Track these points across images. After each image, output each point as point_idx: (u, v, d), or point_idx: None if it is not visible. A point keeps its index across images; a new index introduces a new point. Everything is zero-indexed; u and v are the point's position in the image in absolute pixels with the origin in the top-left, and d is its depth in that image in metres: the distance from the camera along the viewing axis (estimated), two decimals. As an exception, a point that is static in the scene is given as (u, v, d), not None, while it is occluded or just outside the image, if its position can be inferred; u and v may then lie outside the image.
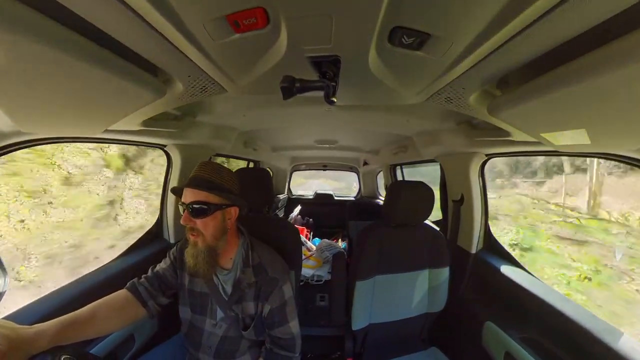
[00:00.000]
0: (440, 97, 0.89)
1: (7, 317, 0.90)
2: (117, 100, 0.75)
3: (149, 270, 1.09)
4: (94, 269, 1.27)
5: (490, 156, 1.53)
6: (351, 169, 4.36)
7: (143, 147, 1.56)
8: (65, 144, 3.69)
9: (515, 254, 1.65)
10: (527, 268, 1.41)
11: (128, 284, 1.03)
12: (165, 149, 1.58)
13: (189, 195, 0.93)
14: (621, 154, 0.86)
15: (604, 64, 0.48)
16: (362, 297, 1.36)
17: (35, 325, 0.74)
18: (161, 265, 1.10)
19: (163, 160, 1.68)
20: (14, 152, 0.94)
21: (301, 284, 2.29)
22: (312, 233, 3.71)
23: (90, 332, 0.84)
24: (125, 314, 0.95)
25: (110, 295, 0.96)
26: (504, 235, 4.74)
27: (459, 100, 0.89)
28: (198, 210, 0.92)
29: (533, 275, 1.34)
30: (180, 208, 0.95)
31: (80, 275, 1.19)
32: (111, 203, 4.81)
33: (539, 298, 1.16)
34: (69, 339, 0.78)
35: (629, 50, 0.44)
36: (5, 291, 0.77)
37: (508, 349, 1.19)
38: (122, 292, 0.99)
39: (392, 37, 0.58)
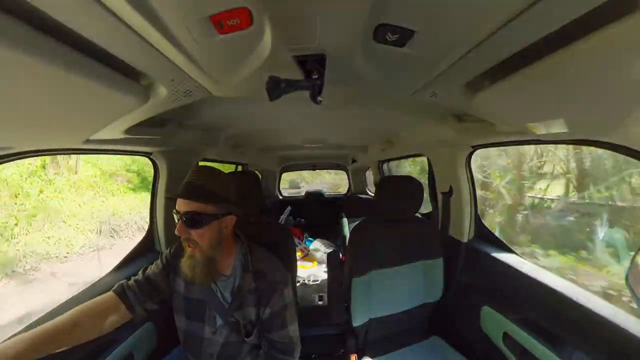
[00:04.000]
0: (426, 92, 0.90)
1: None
2: (97, 108, 0.72)
3: (140, 273, 1.04)
4: (87, 286, 1.22)
5: (476, 147, 1.57)
6: (340, 167, 4.37)
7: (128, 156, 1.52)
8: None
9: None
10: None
11: (116, 286, 0.98)
12: (151, 156, 1.54)
13: (182, 205, 0.89)
14: (596, 139, 0.90)
15: (580, 57, 0.51)
16: (359, 294, 1.37)
17: None
18: (152, 269, 1.05)
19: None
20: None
21: (298, 285, 2.28)
22: (305, 233, 3.70)
23: (68, 342, 0.79)
24: (109, 319, 0.90)
25: (95, 299, 0.91)
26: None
27: (444, 95, 0.91)
28: (193, 221, 0.88)
29: (524, 259, 1.39)
30: (175, 216, 0.91)
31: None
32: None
33: (532, 279, 1.20)
34: (43, 351, 0.72)
35: (604, 44, 0.46)
36: None
37: (506, 330, 1.23)
38: (108, 296, 0.94)
39: (376, 35, 0.59)
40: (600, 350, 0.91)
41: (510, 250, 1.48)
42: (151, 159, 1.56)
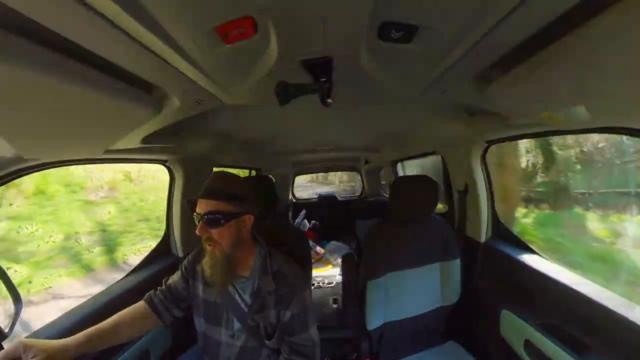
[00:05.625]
0: (435, 87, 0.89)
1: (30, 335, 0.95)
2: (114, 120, 0.76)
3: (163, 283, 1.12)
4: (106, 287, 1.32)
5: (490, 143, 1.52)
6: (352, 168, 4.35)
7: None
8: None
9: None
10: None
11: (145, 296, 1.10)
12: (166, 164, 1.59)
13: (202, 206, 0.94)
14: (623, 126, 0.85)
15: (597, 37, 0.48)
16: (374, 296, 1.35)
17: (62, 339, 0.83)
18: (174, 278, 1.12)
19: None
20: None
21: (313, 287, 2.28)
22: (319, 236, 3.70)
23: (112, 340, 0.94)
24: (143, 324, 1.04)
25: (130, 307, 1.05)
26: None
27: (454, 89, 0.89)
28: (213, 221, 0.92)
29: (547, 259, 1.32)
30: (196, 219, 0.95)
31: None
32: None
33: (556, 281, 1.13)
34: (94, 347, 0.88)
35: (622, 21, 0.43)
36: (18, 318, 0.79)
37: (527, 336, 1.17)
38: (140, 304, 1.07)
39: (381, 33, 0.58)
40: None
41: (531, 250, 1.42)
42: (167, 167, 1.61)
